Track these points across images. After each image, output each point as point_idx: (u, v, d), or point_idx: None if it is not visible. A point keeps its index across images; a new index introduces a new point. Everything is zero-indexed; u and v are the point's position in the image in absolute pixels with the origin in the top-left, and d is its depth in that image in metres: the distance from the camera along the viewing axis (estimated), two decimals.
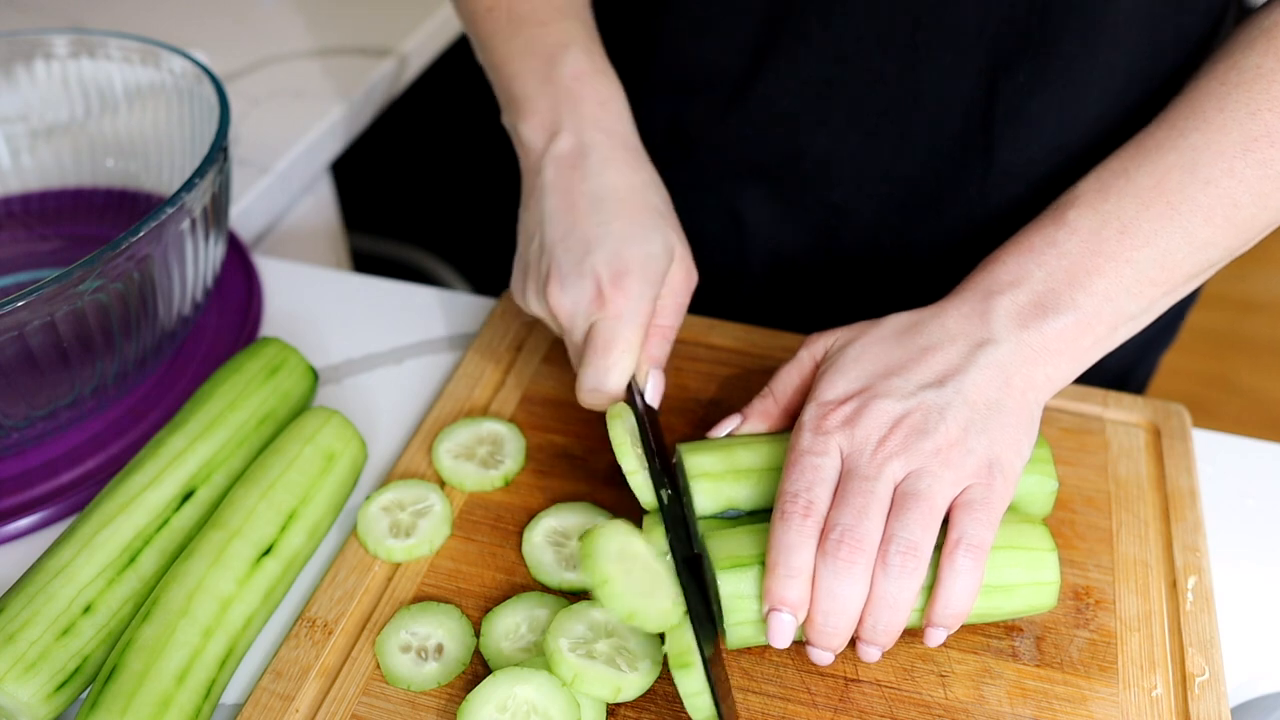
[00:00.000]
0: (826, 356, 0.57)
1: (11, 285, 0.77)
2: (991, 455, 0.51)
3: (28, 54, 0.76)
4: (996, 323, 0.54)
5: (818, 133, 0.71)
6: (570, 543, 0.59)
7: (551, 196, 0.61)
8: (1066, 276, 0.54)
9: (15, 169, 0.79)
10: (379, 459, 0.67)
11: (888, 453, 0.50)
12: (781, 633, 0.49)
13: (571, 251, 0.59)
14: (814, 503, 0.50)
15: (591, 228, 0.59)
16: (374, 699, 0.53)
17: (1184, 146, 0.55)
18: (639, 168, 0.63)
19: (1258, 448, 0.68)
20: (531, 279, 0.61)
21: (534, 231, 0.62)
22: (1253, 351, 2.17)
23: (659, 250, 0.60)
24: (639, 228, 0.60)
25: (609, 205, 0.60)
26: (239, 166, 0.92)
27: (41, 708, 0.51)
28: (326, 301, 0.79)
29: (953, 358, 0.53)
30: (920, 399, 0.52)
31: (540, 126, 0.63)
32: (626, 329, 0.58)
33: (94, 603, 0.53)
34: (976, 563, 0.49)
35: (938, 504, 0.50)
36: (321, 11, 1.15)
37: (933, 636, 0.51)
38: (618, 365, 0.58)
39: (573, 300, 0.58)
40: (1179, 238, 0.54)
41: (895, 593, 0.48)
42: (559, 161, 0.62)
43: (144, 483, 0.57)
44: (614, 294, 0.58)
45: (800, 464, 0.51)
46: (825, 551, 0.49)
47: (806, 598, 0.49)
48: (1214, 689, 0.53)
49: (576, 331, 0.59)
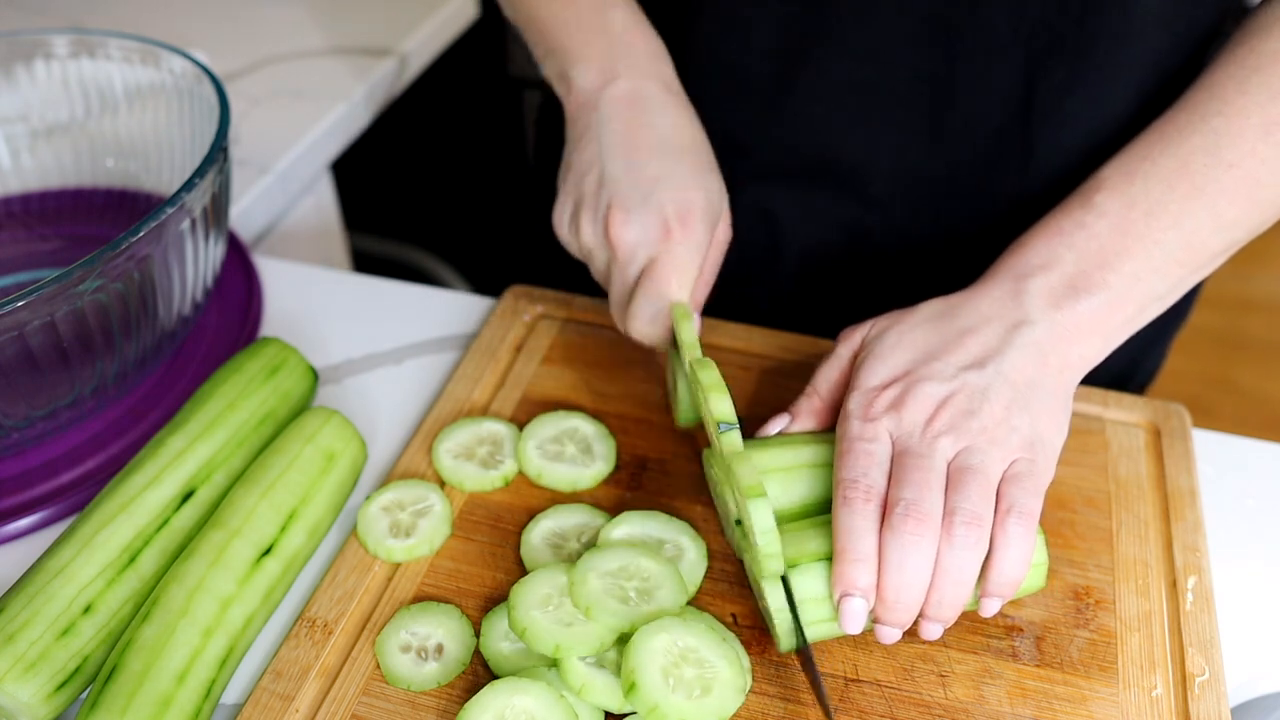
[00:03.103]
0: (864, 345, 0.58)
1: (11, 285, 0.77)
2: (1034, 432, 0.53)
3: (28, 54, 0.76)
4: (1030, 304, 0.55)
5: (852, 133, 0.71)
6: (569, 544, 0.59)
7: (612, 133, 0.62)
8: (1096, 258, 0.56)
9: (15, 169, 0.79)
10: (379, 459, 0.67)
11: (936, 431, 0.52)
12: (855, 618, 0.50)
13: (638, 186, 0.60)
14: (873, 486, 0.51)
15: (656, 166, 0.60)
16: (374, 699, 0.53)
17: (1206, 130, 0.57)
18: (692, 120, 0.65)
19: (1258, 448, 0.68)
20: (587, 210, 0.62)
21: (590, 164, 0.62)
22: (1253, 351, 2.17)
23: (717, 197, 0.62)
24: (700, 173, 0.62)
25: (670, 147, 0.62)
26: (239, 166, 0.92)
27: (41, 708, 0.51)
28: (326, 301, 0.79)
29: (990, 339, 0.55)
30: (962, 380, 0.53)
31: (595, 71, 0.64)
32: (688, 262, 0.59)
33: (94, 603, 0.53)
34: (1028, 529, 0.50)
35: (992, 477, 0.51)
36: (321, 11, 1.15)
37: (988, 607, 0.52)
38: (677, 296, 0.59)
39: (638, 232, 0.59)
40: (1205, 218, 0.56)
41: (961, 564, 0.49)
42: (617, 102, 0.63)
43: (144, 483, 0.57)
44: (679, 228, 0.59)
45: (854, 451, 0.52)
46: (891, 527, 0.50)
47: (875, 581, 0.50)
48: (1214, 689, 0.53)
49: (635, 264, 0.60)
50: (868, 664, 0.54)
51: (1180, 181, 0.56)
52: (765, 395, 0.68)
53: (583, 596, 0.52)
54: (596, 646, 0.51)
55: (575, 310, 0.75)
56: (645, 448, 0.65)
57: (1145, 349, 0.83)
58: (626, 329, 0.61)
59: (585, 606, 0.51)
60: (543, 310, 0.75)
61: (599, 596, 0.52)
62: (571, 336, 0.73)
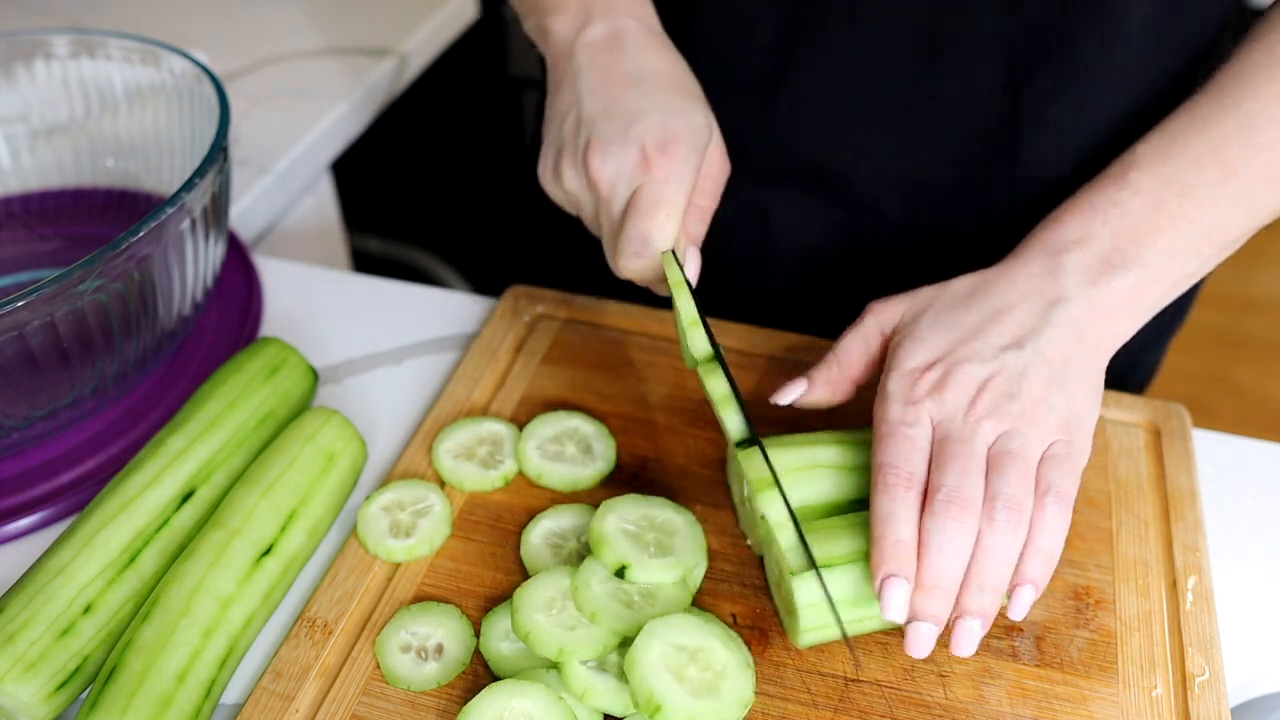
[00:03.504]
0: (899, 328, 0.58)
1: (11, 285, 0.77)
2: (1070, 412, 0.53)
3: (28, 54, 0.76)
4: (1066, 280, 0.56)
5: (842, 136, 0.71)
6: (569, 544, 0.59)
7: (588, 76, 0.60)
8: (1131, 234, 0.56)
9: (15, 169, 0.79)
10: (379, 459, 0.67)
11: (978, 415, 0.52)
12: (898, 602, 0.49)
13: (615, 121, 0.58)
14: (914, 473, 0.51)
15: (633, 100, 0.58)
16: (374, 699, 0.53)
17: (1239, 114, 0.57)
18: (673, 55, 0.63)
19: (1258, 448, 0.68)
20: (567, 154, 0.59)
21: (568, 109, 0.60)
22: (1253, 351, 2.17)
23: (702, 122, 0.60)
24: (681, 103, 0.59)
25: (649, 81, 0.60)
26: (239, 166, 0.92)
27: (41, 708, 0.51)
28: (326, 301, 0.79)
29: (1027, 318, 0.55)
30: (1002, 361, 0.53)
31: (571, 19, 0.62)
32: (673, 192, 0.56)
33: (94, 603, 0.53)
34: (1065, 510, 0.51)
35: (1032, 461, 0.51)
36: (321, 11, 1.15)
37: (1021, 597, 0.51)
38: (663, 228, 0.56)
39: (616, 166, 0.57)
40: (1236, 200, 0.57)
41: (1002, 546, 0.49)
42: (593, 45, 0.61)
43: (144, 483, 0.57)
44: (660, 158, 0.56)
45: (895, 435, 0.52)
46: (934, 513, 0.49)
47: (914, 568, 0.50)
48: (1214, 689, 0.53)
49: (617, 200, 0.58)
50: (868, 664, 0.54)
51: (1214, 163, 0.57)
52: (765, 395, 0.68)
53: (587, 601, 0.52)
54: (599, 650, 0.51)
55: (575, 310, 0.75)
56: (645, 448, 0.65)
57: (1144, 348, 0.83)
58: (616, 269, 0.59)
59: (590, 611, 0.51)
60: (543, 310, 0.75)
61: (603, 601, 0.52)
62: (571, 336, 0.73)
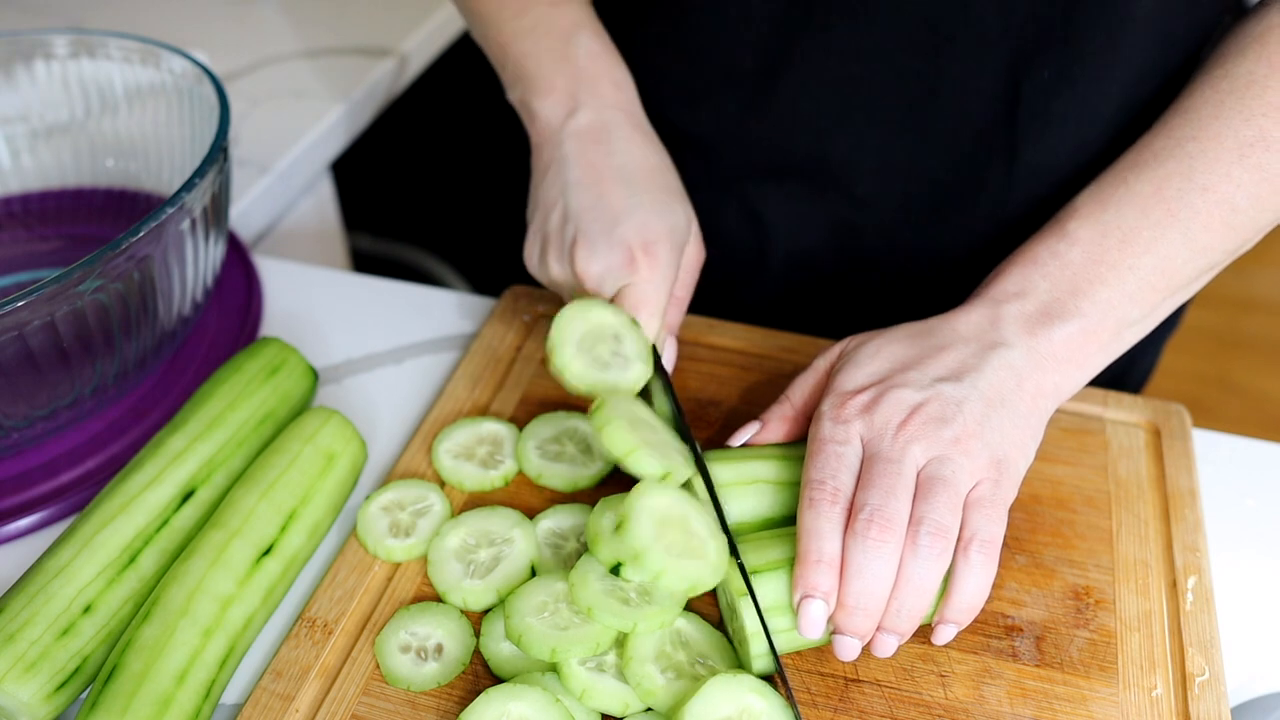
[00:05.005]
0: (841, 356, 0.59)
1: (11, 285, 0.77)
2: (1002, 452, 0.53)
3: (28, 54, 0.76)
4: (1006, 329, 0.56)
5: (840, 132, 0.71)
6: (568, 544, 0.59)
7: (575, 168, 0.63)
8: (1070, 286, 0.56)
9: (15, 169, 0.79)
10: (379, 459, 0.67)
11: (909, 436, 0.52)
12: (813, 621, 0.49)
13: (601, 220, 0.61)
14: (840, 489, 0.51)
15: (620, 200, 0.61)
16: (374, 699, 0.53)
17: (1181, 154, 0.57)
18: (657, 148, 0.66)
19: (1258, 448, 0.68)
20: (553, 246, 0.63)
21: (555, 200, 0.63)
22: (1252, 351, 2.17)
23: (683, 223, 0.63)
24: (664, 202, 0.63)
25: (636, 180, 0.63)
26: (239, 166, 0.92)
27: (41, 708, 0.51)
28: (326, 301, 0.79)
29: (967, 356, 0.55)
30: (937, 390, 0.53)
31: (558, 103, 0.65)
32: (655, 292, 0.60)
33: (94, 603, 0.53)
34: (990, 558, 0.50)
35: (961, 490, 0.51)
36: (322, 12, 1.15)
37: (943, 634, 0.52)
38: (648, 325, 0.60)
39: (603, 265, 0.60)
40: (1179, 244, 0.56)
41: (923, 574, 0.49)
42: (580, 136, 0.64)
43: (144, 483, 0.57)
44: (645, 259, 0.60)
45: (824, 452, 0.52)
46: (855, 532, 0.49)
47: (836, 585, 0.50)
48: (1214, 689, 0.53)
49: (604, 295, 0.61)
50: (868, 664, 0.54)
51: (1154, 206, 0.56)
52: (765, 395, 0.68)
53: (584, 598, 0.52)
54: (593, 648, 0.51)
55: None
56: None
57: (1139, 351, 0.82)
58: None
59: (587, 607, 0.51)
60: (543, 310, 0.75)
61: (600, 598, 0.52)
62: None
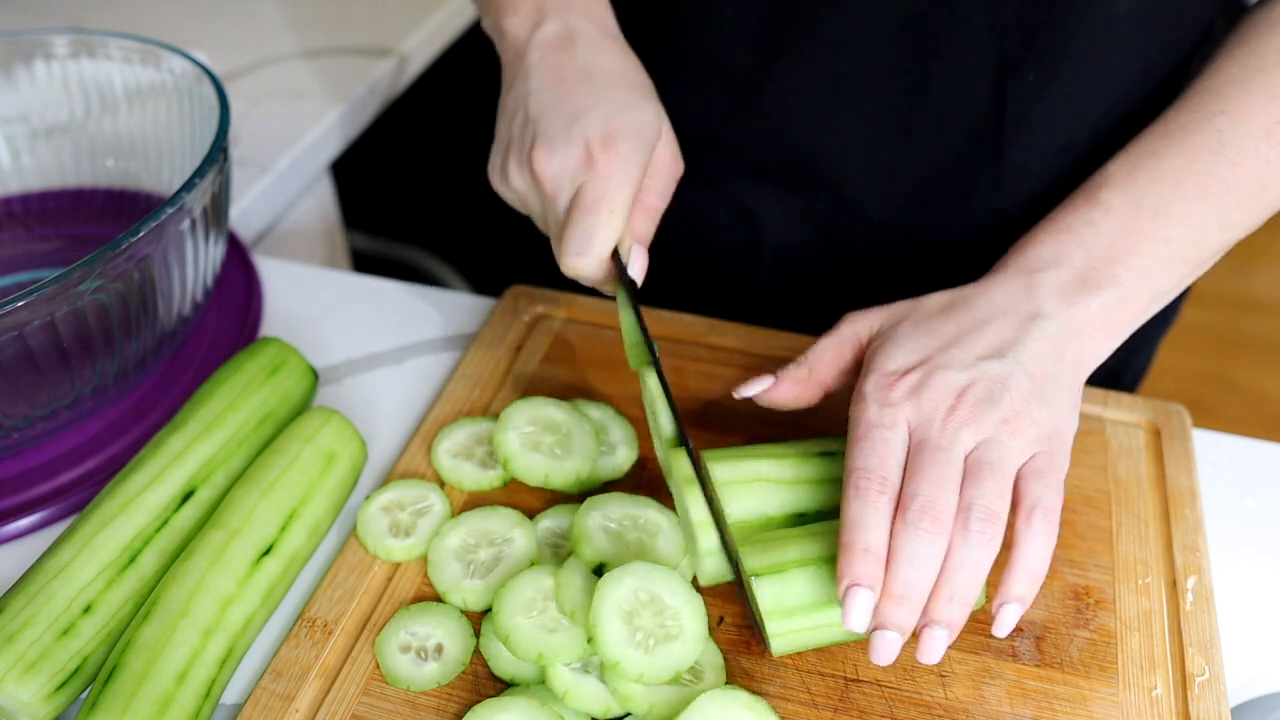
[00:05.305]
0: (876, 335, 0.58)
1: (11, 285, 0.77)
2: (1052, 425, 0.52)
3: (28, 54, 0.76)
4: (1044, 298, 0.55)
5: (828, 130, 0.71)
6: (567, 544, 0.59)
7: (538, 75, 0.60)
8: (1106, 255, 0.56)
9: (15, 169, 0.79)
10: (379, 459, 0.67)
11: (958, 422, 0.51)
12: (861, 612, 0.48)
13: (560, 119, 0.57)
14: (888, 477, 0.50)
15: (581, 98, 0.58)
16: (374, 699, 0.53)
17: (1210, 129, 0.57)
18: (626, 52, 0.63)
19: (1258, 448, 0.68)
20: (514, 151, 0.59)
21: (516, 107, 0.60)
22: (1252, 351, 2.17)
23: (651, 119, 0.59)
24: (629, 99, 0.59)
25: (599, 79, 0.59)
26: (239, 166, 0.92)
27: (41, 708, 0.51)
28: (326, 301, 0.79)
29: (1007, 330, 0.55)
30: (982, 369, 0.53)
31: (525, 17, 0.62)
32: (615, 189, 0.56)
33: (94, 603, 0.53)
34: (1052, 525, 0.50)
35: (1010, 472, 0.50)
36: (322, 12, 1.15)
37: (1006, 617, 0.50)
38: (605, 225, 0.56)
39: (560, 163, 0.56)
40: (1211, 217, 0.57)
41: (975, 560, 0.49)
42: (545, 44, 0.61)
43: (144, 483, 0.57)
44: (604, 155, 0.56)
45: (871, 437, 0.52)
46: (908, 523, 0.49)
47: (882, 576, 0.49)
48: (1214, 689, 0.53)
49: (562, 196, 0.57)
50: (868, 664, 0.54)
51: (1186, 180, 0.57)
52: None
53: (569, 600, 0.51)
54: (580, 653, 0.51)
55: (575, 310, 0.75)
56: (645, 448, 0.65)
57: (1135, 348, 0.83)
58: (563, 267, 0.58)
59: (571, 610, 0.51)
60: (543, 310, 0.75)
61: (584, 600, 0.51)
62: (571, 336, 0.73)
